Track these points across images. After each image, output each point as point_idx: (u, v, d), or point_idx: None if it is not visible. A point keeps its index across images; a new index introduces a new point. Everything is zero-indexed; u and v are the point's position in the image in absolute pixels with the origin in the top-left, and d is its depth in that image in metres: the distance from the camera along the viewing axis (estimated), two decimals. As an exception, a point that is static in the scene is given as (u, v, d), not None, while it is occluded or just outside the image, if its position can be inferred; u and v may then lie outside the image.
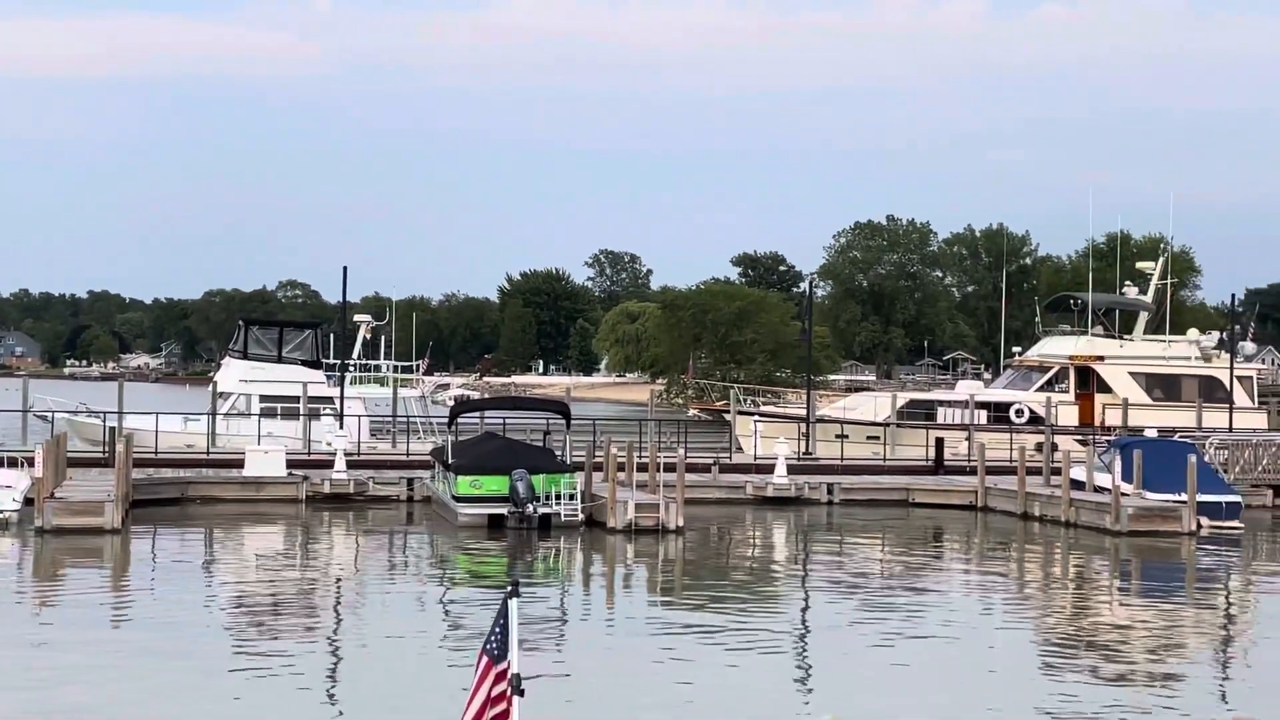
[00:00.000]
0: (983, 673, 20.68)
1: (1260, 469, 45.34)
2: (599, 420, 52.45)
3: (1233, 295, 68.09)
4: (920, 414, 56.11)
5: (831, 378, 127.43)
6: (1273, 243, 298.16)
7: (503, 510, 35.62)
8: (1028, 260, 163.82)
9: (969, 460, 47.35)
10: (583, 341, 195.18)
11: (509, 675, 8.84)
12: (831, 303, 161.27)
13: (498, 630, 8.93)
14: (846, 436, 52.96)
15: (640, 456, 41.43)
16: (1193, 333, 62.01)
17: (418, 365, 63.59)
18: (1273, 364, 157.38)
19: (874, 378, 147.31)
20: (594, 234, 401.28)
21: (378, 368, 56.86)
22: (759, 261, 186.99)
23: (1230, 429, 51.60)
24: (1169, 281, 65.45)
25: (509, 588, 8.84)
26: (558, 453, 38.76)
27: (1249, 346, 62.93)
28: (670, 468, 37.52)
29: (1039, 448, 46.46)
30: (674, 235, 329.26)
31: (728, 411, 56.85)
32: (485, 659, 8.94)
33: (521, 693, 8.68)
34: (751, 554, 35.69)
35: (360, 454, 45.88)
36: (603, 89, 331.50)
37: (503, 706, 8.82)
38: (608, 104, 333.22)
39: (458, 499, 36.24)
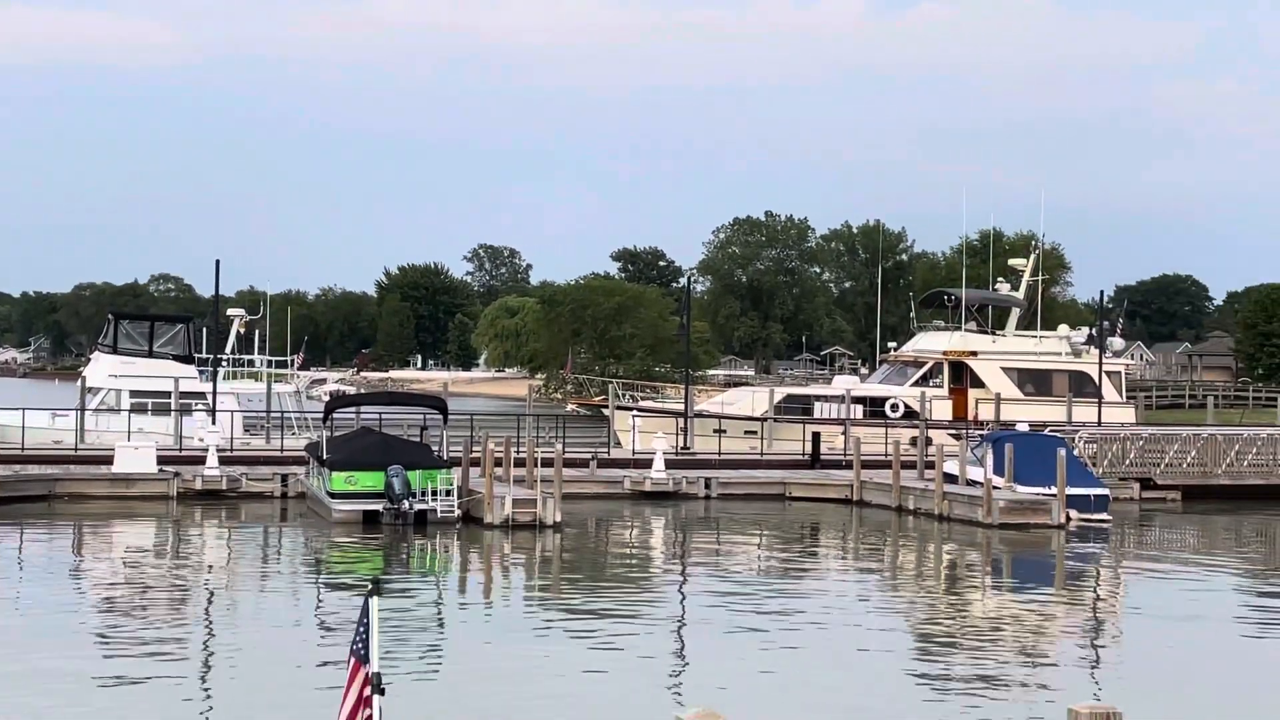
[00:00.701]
0: (855, 664, 20.83)
1: (1128, 462, 46.26)
2: (476, 415, 52.16)
3: (1101, 292, 69.36)
4: (797, 409, 56.48)
5: (710, 373, 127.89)
6: (1141, 241, 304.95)
7: (378, 506, 35.26)
8: (904, 257, 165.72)
9: (845, 454, 47.78)
10: (461, 336, 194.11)
11: (370, 675, 8.71)
12: (710, 298, 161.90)
13: (361, 630, 8.80)
14: (724, 431, 53.15)
15: (518, 452, 41.25)
16: (1063, 329, 63.06)
17: (293, 360, 62.76)
18: (1141, 359, 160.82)
19: (752, 373, 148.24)
20: (473, 229, 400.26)
21: (251, 362, 56.04)
22: (639, 257, 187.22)
23: (1099, 423, 52.56)
24: (1040, 278, 66.54)
25: (369, 587, 8.69)
26: (434, 448, 38.48)
27: (1117, 342, 64.14)
28: (548, 463, 37.39)
29: (913, 442, 46.97)
30: (554, 230, 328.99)
31: (606, 407, 56.86)
32: (354, 659, 8.81)
33: (382, 691, 8.55)
34: (629, 549, 35.71)
35: (233, 450, 45.20)
36: (483, 83, 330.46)
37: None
38: (488, 98, 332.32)
39: (332, 495, 35.83)
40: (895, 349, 64.34)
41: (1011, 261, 66.67)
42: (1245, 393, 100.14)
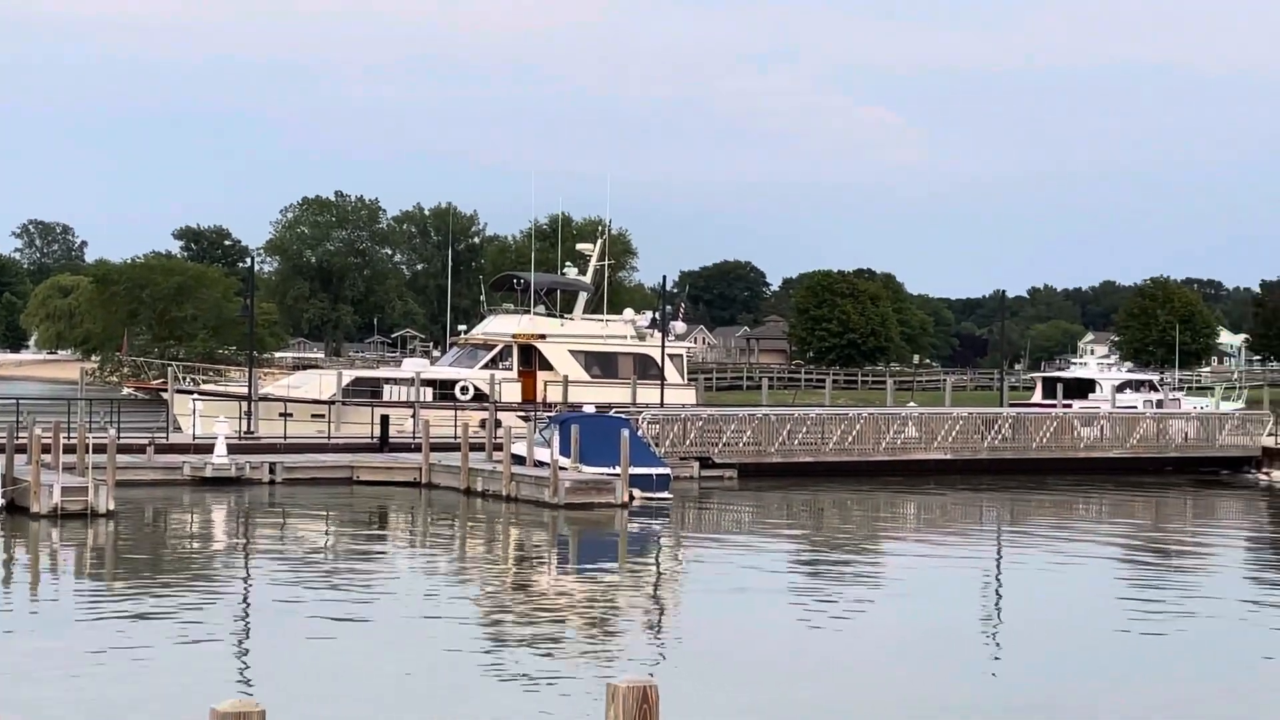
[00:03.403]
0: (424, 648, 20.64)
1: (688, 442, 47.76)
2: (23, 400, 49.24)
3: (664, 277, 71.47)
4: (366, 392, 55.83)
5: (278, 355, 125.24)
6: (704, 227, 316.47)
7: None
8: (476, 239, 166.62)
9: (414, 437, 47.52)
10: (10, 316, 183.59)
11: None
12: (279, 279, 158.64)
13: None
14: (291, 415, 52.00)
15: (68, 437, 39.20)
16: (628, 312, 64.59)
17: None
18: (702, 343, 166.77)
19: (322, 355, 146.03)
20: (21, 203, 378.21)
21: None
22: (202, 235, 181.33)
23: (662, 404, 54.05)
24: (607, 263, 67.91)
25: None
26: (-26, 435, 36.08)
27: (679, 326, 66.09)
28: (100, 448, 35.63)
29: (483, 424, 47.15)
30: (111, 207, 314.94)
31: (165, 390, 54.75)
32: None
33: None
34: (188, 538, 34.44)
35: None
36: (18, 54, 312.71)
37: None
38: (31, 69, 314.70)
39: None
40: (466, 332, 64.43)
41: (580, 246, 67.77)
42: (798, 375, 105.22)
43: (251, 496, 40.39)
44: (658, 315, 63.61)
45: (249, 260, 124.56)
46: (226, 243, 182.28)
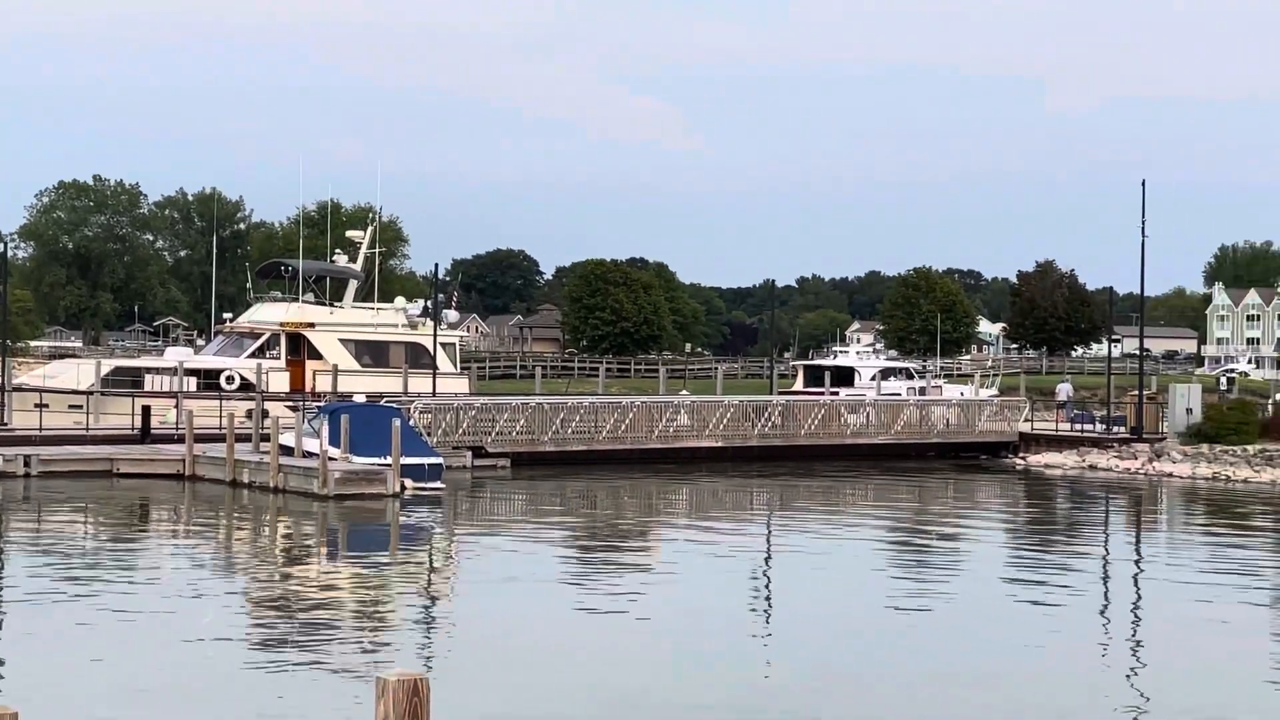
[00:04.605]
0: (188, 643, 20.03)
1: (461, 431, 47.49)
2: None
3: (436, 265, 71.05)
4: (127, 381, 54.23)
5: (34, 344, 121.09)
6: (477, 216, 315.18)
7: None
8: (242, 226, 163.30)
9: (177, 428, 46.33)
10: None
11: None
12: (34, 265, 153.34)
13: None
14: (47, 406, 50.27)
15: None
16: (400, 301, 64.01)
17: None
18: (476, 331, 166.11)
19: (80, 344, 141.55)
20: None
21: None
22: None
23: (434, 393, 53.64)
24: (378, 250, 67.15)
25: None
26: None
27: (452, 314, 65.70)
28: None
29: (249, 414, 46.19)
30: None
31: (-88, 381, 52.42)
32: None
33: None
34: (-64, 534, 32.91)
35: None
36: None
37: None
38: None
39: None
40: (232, 320, 63.04)
41: (349, 233, 66.96)
42: (572, 363, 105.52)
43: (5, 490, 38.85)
44: (429, 303, 63.19)
45: (1, 246, 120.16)
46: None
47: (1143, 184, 55.88)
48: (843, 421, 55.84)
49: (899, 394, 66.56)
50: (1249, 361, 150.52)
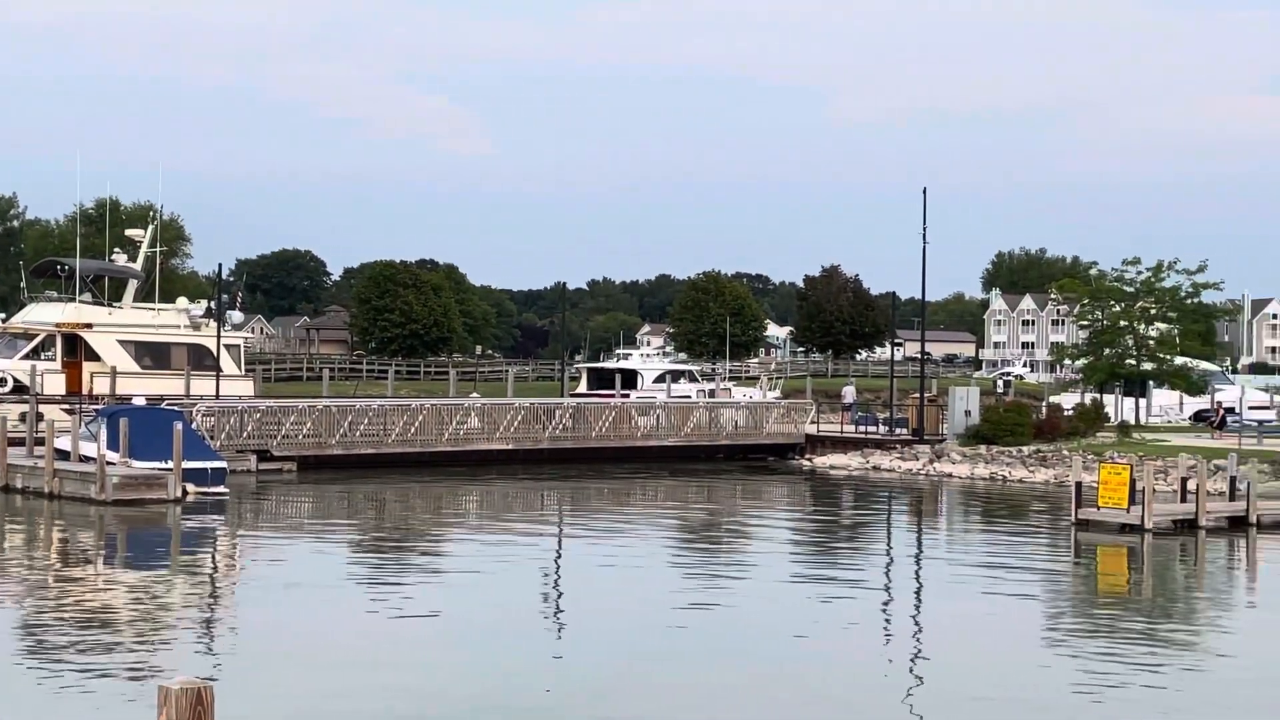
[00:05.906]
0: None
1: (246, 434, 46.60)
2: None
3: (220, 265, 69.62)
4: (-109, 384, 51.99)
5: None
6: (262, 216, 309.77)
7: None
8: (15, 223, 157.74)
9: (-54, 432, 44.52)
10: None
11: None
12: None
13: None
14: None
15: None
16: (182, 301, 62.54)
17: None
18: (261, 333, 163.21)
19: None
20: None
21: None
22: None
23: (217, 396, 52.52)
24: (159, 249, 65.53)
25: None
26: None
27: (236, 315, 64.39)
28: None
29: (23, 418, 44.68)
30: None
31: None
32: None
33: None
34: None
35: None
36: None
37: None
38: None
39: None
40: (5, 321, 60.87)
41: (129, 232, 65.20)
42: (360, 365, 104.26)
43: None
44: (213, 304, 61.85)
45: None
46: None
47: (924, 192, 57.29)
48: (633, 424, 56.20)
49: (689, 396, 67.24)
50: (1024, 365, 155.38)
